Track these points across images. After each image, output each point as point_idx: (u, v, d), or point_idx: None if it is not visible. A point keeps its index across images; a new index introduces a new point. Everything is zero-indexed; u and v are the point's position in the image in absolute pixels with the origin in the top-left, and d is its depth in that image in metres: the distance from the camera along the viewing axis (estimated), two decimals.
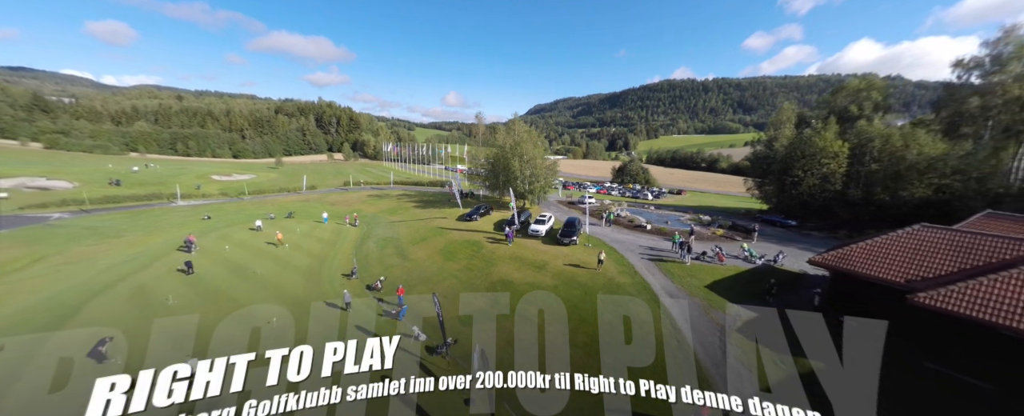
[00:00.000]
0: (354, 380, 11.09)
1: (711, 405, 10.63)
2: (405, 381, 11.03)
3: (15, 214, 42.68)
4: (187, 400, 10.03)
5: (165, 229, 39.21)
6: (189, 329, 15.86)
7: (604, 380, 11.70)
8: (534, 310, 20.87)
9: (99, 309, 21.11)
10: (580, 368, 12.51)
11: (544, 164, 43.73)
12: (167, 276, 25.54)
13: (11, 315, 20.46)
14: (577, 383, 11.64)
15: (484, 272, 25.87)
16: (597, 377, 11.79)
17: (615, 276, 23.95)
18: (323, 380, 10.89)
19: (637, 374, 12.01)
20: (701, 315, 19.50)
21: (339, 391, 10.75)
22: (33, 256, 30.62)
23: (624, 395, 11.49)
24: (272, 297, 23.42)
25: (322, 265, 29.29)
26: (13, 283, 25.25)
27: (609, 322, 19.15)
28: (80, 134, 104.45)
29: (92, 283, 24.53)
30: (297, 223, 41.14)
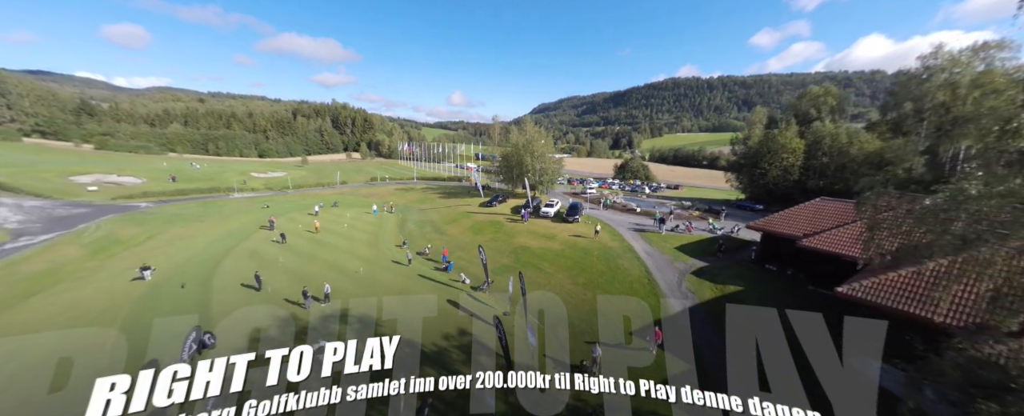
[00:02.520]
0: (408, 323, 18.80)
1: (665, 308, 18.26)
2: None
3: (109, 203, 51.08)
4: (327, 299, 17.85)
5: (237, 215, 47.34)
6: (320, 272, 23.93)
7: (599, 304, 19.43)
8: (546, 264, 28.58)
9: (233, 262, 29.15)
10: (577, 296, 20.28)
11: (551, 159, 51.30)
12: (267, 244, 33.56)
13: (173, 268, 28.46)
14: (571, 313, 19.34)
15: (507, 241, 33.51)
16: (595, 300, 19.54)
17: (608, 242, 31.46)
18: (386, 322, 18.63)
19: (621, 299, 19.81)
20: (668, 264, 26.98)
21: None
22: (147, 234, 38.79)
23: (616, 316, 19.25)
24: (350, 259, 31.19)
25: (377, 239, 37.16)
26: (146, 251, 33.37)
27: (601, 269, 26.82)
28: (123, 136, 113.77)
29: (214, 249, 32.60)
30: (344, 210, 49.12)
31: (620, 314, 21.19)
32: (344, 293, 23.76)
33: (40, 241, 35.27)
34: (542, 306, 22.45)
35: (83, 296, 24.44)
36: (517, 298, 20.23)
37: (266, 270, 27.04)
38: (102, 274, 28.18)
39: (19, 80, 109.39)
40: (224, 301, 23.08)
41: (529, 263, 28.59)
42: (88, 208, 47.22)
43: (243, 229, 39.37)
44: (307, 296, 22.01)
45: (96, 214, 44.97)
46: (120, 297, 23.78)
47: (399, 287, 25.51)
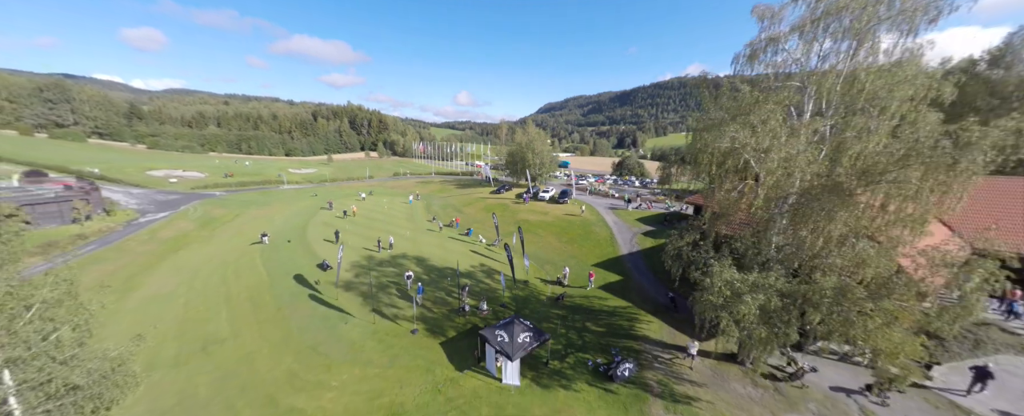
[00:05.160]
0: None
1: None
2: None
3: (191, 192, 62.77)
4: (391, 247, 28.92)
5: (295, 201, 58.64)
6: (377, 234, 34.98)
7: (573, 250, 30.16)
8: (540, 230, 39.14)
9: (314, 229, 40.30)
10: (560, 247, 30.96)
11: (549, 156, 61.83)
12: (335, 219, 44.68)
13: (273, 234, 39.57)
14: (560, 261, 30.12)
15: (512, 217, 44.15)
16: (571, 249, 30.27)
17: (588, 216, 41.95)
18: (433, 259, 29.61)
19: (587, 247, 30.49)
20: (627, 229, 37.40)
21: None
22: (233, 214, 50.14)
23: (582, 256, 29.94)
24: (396, 227, 42.04)
25: (412, 216, 48.12)
26: (240, 225, 44.64)
27: (580, 232, 37.37)
28: (168, 137, 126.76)
29: (294, 222, 43.79)
30: (380, 198, 60.23)
31: (584, 255, 31.90)
32: (399, 246, 34.69)
33: (160, 217, 46.76)
34: (536, 250, 33.13)
35: (217, 251, 35.64)
36: (518, 248, 30.85)
37: (341, 233, 38.14)
38: (216, 240, 39.40)
39: (81, 88, 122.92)
40: (321, 249, 34.14)
41: (528, 229, 39.18)
42: (178, 195, 58.89)
43: (308, 209, 50.65)
44: (379, 244, 33.01)
45: (186, 200, 56.55)
46: (248, 250, 34.91)
47: (436, 243, 36.38)
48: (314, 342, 19.77)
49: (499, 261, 31.11)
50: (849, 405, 14.31)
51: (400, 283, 26.26)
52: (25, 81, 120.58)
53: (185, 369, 18.26)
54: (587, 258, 31.81)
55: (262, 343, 20.15)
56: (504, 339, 16.43)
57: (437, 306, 23.34)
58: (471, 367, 17.41)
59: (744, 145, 11.39)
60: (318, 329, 20.97)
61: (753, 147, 11.36)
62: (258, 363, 18.47)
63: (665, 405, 14.86)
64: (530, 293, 25.52)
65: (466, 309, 22.36)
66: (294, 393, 16.23)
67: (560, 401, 15.17)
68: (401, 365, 17.69)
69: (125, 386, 12.64)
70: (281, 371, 17.73)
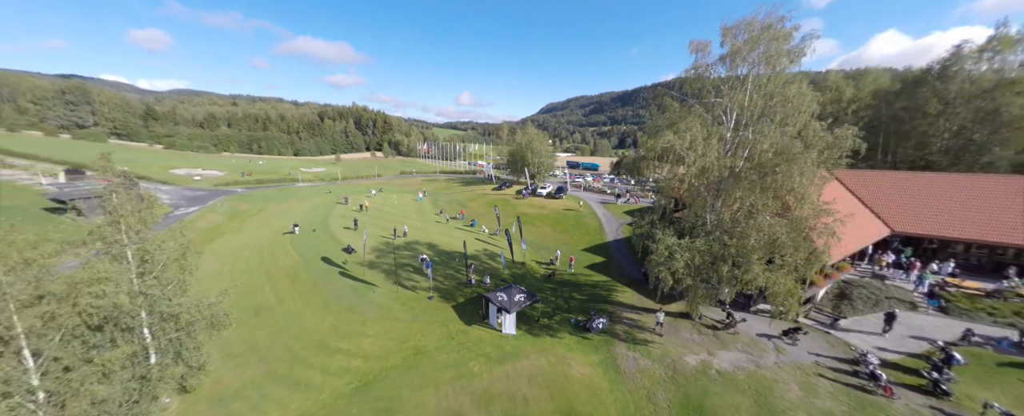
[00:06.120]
0: None
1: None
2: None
3: (215, 189, 67.50)
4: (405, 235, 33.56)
5: (311, 196, 63.23)
6: (392, 224, 39.52)
7: (565, 237, 34.69)
8: (537, 221, 43.54)
9: (335, 220, 44.87)
10: (554, 235, 35.47)
11: (547, 156, 66.22)
12: (352, 212, 49.25)
13: (292, 224, 44.15)
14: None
15: (512, 210, 48.57)
16: (562, 236, 34.78)
17: (581, 209, 46.31)
18: (443, 244, 34.16)
19: (577, 236, 34.97)
20: (615, 220, 41.78)
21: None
22: (256, 208, 54.75)
23: (572, 243, 34.42)
24: (407, 219, 46.57)
25: (421, 210, 52.64)
26: (266, 217, 49.25)
27: (573, 223, 41.76)
28: (182, 137, 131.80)
29: (315, 214, 48.38)
30: (390, 194, 64.78)
31: (575, 242, 36.32)
32: (412, 234, 39.18)
33: (192, 211, 51.38)
34: (533, 238, 37.54)
35: (250, 239, 40.19)
36: (516, 236, 35.25)
37: (359, 222, 42.69)
38: (246, 230, 43.94)
39: (100, 90, 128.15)
40: (343, 236, 38.66)
41: (526, 221, 43.54)
42: (204, 191, 63.60)
43: (326, 204, 55.26)
44: (395, 232, 37.54)
45: (212, 195, 61.20)
46: (280, 238, 39.45)
47: (444, 232, 40.86)
48: (349, 305, 24.29)
49: (500, 247, 35.53)
50: (767, 344, 18.66)
51: (415, 263, 30.77)
52: (47, 84, 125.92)
53: (244, 327, 22.69)
54: (577, 244, 36.20)
55: (305, 308, 24.66)
56: (504, 299, 20.89)
57: (448, 280, 27.82)
58: (477, 323, 21.85)
59: (673, 145, 15.71)
60: (351, 296, 25.49)
61: (680, 147, 15.66)
62: (305, 321, 22.98)
63: (628, 346, 19.26)
64: (526, 271, 29.97)
65: (472, 282, 26.84)
66: (339, 340, 20.74)
67: (546, 344, 19.58)
68: (421, 321, 22.18)
69: (223, 323, 17.19)
70: (326, 325, 22.24)
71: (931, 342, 17.51)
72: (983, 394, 14.55)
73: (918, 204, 26.61)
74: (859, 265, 25.58)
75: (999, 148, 34.45)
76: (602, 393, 16.18)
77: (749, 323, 20.32)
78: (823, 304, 21.57)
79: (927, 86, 39.06)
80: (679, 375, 16.98)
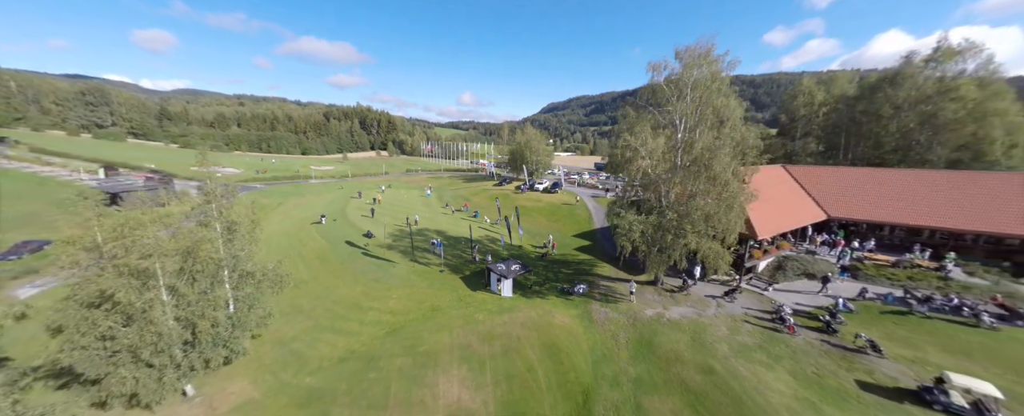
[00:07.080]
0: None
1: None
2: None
3: (235, 184, 72.57)
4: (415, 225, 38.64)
5: (325, 192, 68.28)
6: (404, 214, 44.59)
7: (557, 225, 39.65)
8: (534, 213, 48.50)
9: (352, 211, 49.90)
10: (548, 224, 40.44)
11: (545, 154, 71.16)
12: (366, 205, 54.27)
13: (314, 216, 49.17)
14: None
15: (511, 203, 53.49)
16: (555, 225, 39.75)
17: (574, 202, 51.21)
18: (450, 231, 39.17)
19: (569, 224, 39.92)
20: (602, 210, 46.61)
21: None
22: (277, 202, 59.84)
23: (564, 230, 39.38)
24: (416, 211, 51.53)
25: (428, 204, 57.65)
26: (287, 210, 54.29)
27: (565, 214, 46.71)
28: (195, 136, 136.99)
29: (332, 207, 53.39)
30: (399, 190, 69.78)
31: (566, 229, 41.23)
32: (422, 223, 44.14)
33: None
34: (529, 227, 42.45)
35: (277, 229, 45.18)
36: (515, 224, 40.16)
37: (375, 212, 47.66)
38: (270, 221, 48.74)
39: (117, 91, 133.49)
40: (362, 224, 43.64)
41: (524, 212, 48.50)
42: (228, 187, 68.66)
43: (341, 198, 60.30)
44: (408, 221, 42.57)
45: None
46: (307, 227, 44.43)
47: (451, 221, 45.82)
48: (375, 277, 29.28)
49: (501, 233, 40.42)
50: (711, 302, 23.55)
51: (427, 245, 35.75)
52: (67, 86, 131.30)
53: (287, 296, 27.55)
54: (568, 231, 41.14)
55: (337, 281, 29.64)
56: (503, 268, 25.84)
57: (455, 259, 32.79)
58: (481, 289, 26.79)
59: (631, 144, 20.54)
60: (375, 271, 30.48)
61: (635, 145, 20.47)
62: (338, 290, 27.96)
63: (601, 305, 24.16)
64: (523, 253, 34.90)
65: (476, 259, 31.81)
66: (370, 301, 25.73)
67: (536, 303, 24.50)
68: (435, 288, 27.16)
69: (284, 283, 22.18)
70: (357, 292, 27.23)
71: (835, 298, 22.38)
72: (862, 331, 19.41)
73: (855, 194, 31.39)
74: (801, 245, 30.40)
75: (939, 147, 39.18)
76: (578, 334, 21.11)
77: (700, 287, 25.22)
78: (763, 274, 26.44)
79: (882, 92, 43.77)
80: (638, 323, 21.90)
